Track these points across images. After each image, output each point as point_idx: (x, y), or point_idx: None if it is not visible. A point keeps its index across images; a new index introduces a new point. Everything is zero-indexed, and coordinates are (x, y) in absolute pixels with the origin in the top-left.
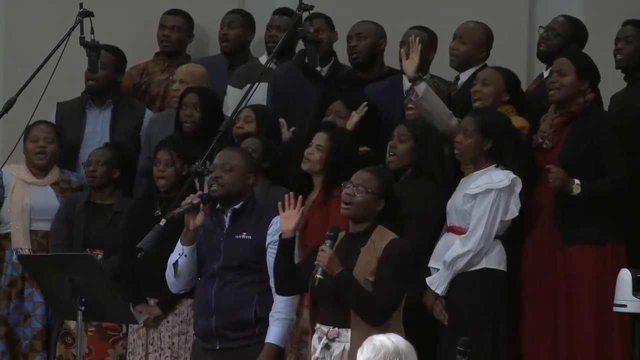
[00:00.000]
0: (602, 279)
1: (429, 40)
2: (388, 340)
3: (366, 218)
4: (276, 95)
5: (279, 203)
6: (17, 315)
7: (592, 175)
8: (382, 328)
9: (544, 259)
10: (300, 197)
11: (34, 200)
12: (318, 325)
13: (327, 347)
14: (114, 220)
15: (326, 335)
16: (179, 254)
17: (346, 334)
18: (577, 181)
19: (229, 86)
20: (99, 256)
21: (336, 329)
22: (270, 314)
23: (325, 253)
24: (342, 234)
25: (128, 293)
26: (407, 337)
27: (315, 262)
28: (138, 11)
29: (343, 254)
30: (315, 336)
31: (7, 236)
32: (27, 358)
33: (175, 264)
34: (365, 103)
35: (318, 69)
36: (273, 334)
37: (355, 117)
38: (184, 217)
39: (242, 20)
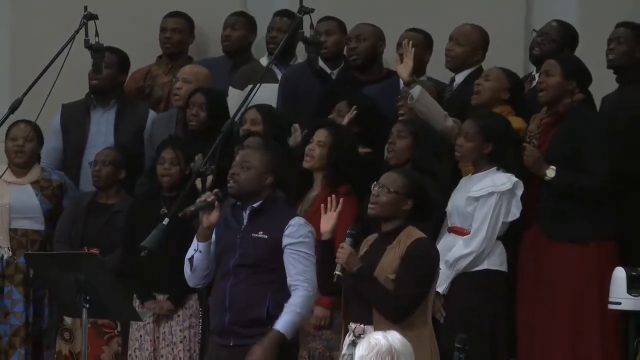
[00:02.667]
0: (582, 278)
1: (425, 42)
2: (383, 339)
3: (394, 217)
4: (286, 96)
5: (322, 205)
6: None
7: None
8: (405, 325)
9: (532, 257)
10: (342, 199)
11: (12, 200)
12: (350, 323)
13: (353, 343)
14: (111, 219)
15: (353, 332)
16: (194, 250)
17: (371, 330)
18: (552, 167)
19: (230, 87)
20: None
21: (362, 325)
22: (286, 304)
23: (344, 250)
24: (374, 235)
25: (135, 290)
26: None
27: (337, 260)
28: (140, 14)
29: (372, 252)
30: (347, 334)
31: None
32: (7, 355)
33: (191, 259)
34: (354, 107)
35: (328, 71)
36: (282, 322)
37: (345, 119)
38: (197, 214)
39: (244, 22)
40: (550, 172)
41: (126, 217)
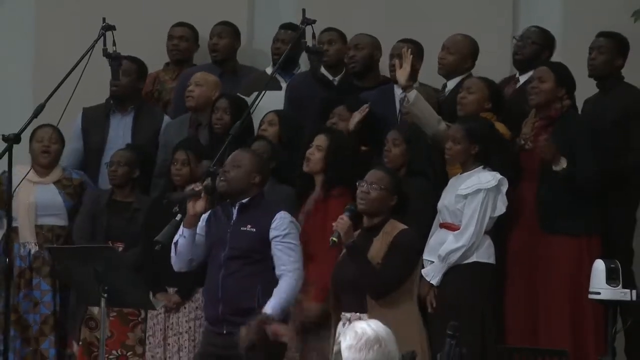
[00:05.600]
0: (576, 268)
1: (417, 52)
2: (368, 327)
3: (380, 213)
4: (292, 103)
5: None
6: (26, 303)
7: None
8: (393, 308)
9: (525, 249)
10: None
11: (38, 198)
12: (343, 313)
13: None
14: (134, 216)
15: (349, 320)
16: (179, 235)
17: (366, 317)
18: (564, 159)
19: (237, 95)
20: (120, 248)
21: (357, 314)
22: (275, 290)
23: (344, 221)
24: (357, 232)
25: (149, 282)
26: None
27: (334, 228)
28: (149, 24)
29: (357, 240)
30: (340, 323)
31: (15, 231)
32: (37, 341)
33: (176, 244)
34: (367, 104)
35: (331, 78)
36: (270, 305)
37: (356, 116)
38: (184, 202)
39: (230, 31)
40: (564, 162)
41: (145, 215)
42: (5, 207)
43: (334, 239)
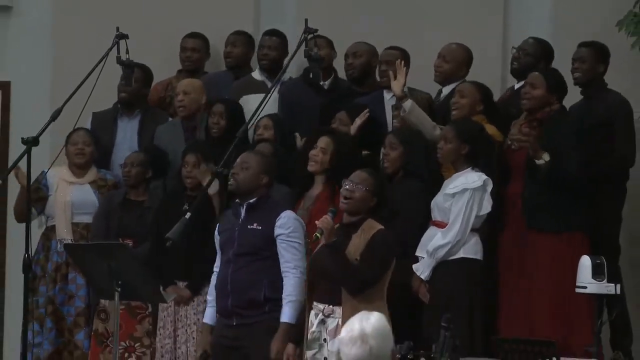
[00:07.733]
0: (561, 263)
1: (402, 58)
2: (357, 324)
3: (360, 212)
4: (284, 107)
5: None
6: (62, 296)
7: None
8: (366, 304)
9: (514, 246)
10: None
11: (74, 197)
12: (315, 303)
13: (322, 322)
14: (143, 214)
15: (322, 312)
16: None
17: (339, 310)
18: (547, 152)
19: (233, 100)
20: (130, 244)
21: (331, 306)
22: (283, 296)
23: (327, 221)
24: (336, 225)
25: (159, 277)
26: (394, 313)
27: (318, 225)
28: (162, 33)
29: (337, 239)
30: (312, 312)
31: (53, 228)
32: (72, 333)
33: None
34: (366, 110)
35: (321, 82)
36: (287, 314)
37: (357, 122)
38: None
39: (244, 40)
40: (546, 157)
41: (154, 213)
42: (43, 206)
43: (318, 234)
